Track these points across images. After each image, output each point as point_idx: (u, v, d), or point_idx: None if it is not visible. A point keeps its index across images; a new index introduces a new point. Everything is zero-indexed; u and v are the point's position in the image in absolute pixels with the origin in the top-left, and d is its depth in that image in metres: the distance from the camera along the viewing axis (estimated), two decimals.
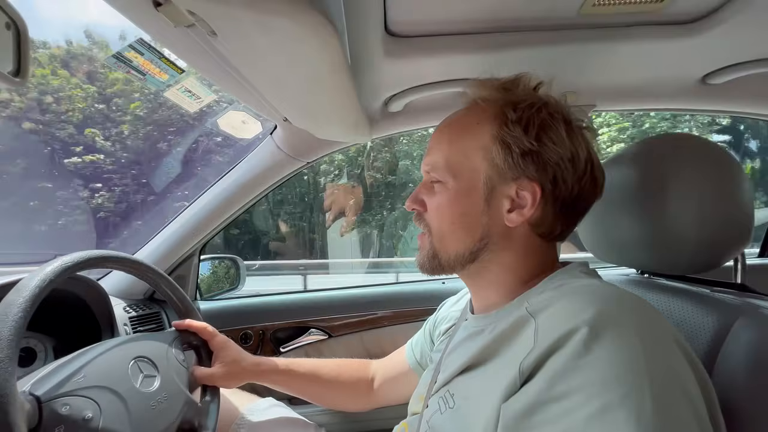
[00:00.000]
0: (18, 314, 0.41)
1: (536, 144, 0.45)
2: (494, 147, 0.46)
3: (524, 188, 0.46)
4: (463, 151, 0.48)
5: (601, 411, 0.30)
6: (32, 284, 0.45)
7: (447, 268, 0.50)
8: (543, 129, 0.46)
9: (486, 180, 0.47)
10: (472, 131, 0.48)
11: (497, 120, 0.47)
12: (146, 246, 1.01)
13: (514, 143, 0.45)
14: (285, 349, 1.08)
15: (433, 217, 0.50)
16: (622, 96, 0.82)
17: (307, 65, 0.49)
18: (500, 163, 0.46)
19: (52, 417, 0.43)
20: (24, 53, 0.34)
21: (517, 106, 0.47)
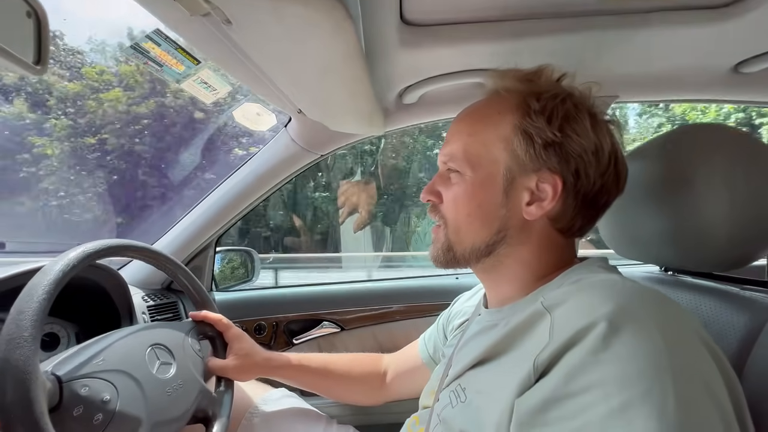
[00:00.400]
0: (42, 296, 0.43)
1: (559, 135, 0.44)
2: (516, 138, 0.45)
3: (545, 181, 0.45)
4: (483, 141, 0.47)
5: (621, 408, 0.29)
6: (56, 268, 0.46)
7: (461, 262, 0.49)
8: (567, 120, 0.44)
9: (506, 171, 0.46)
10: (492, 121, 0.47)
11: (519, 110, 0.46)
12: (164, 237, 1.03)
13: (536, 134, 0.44)
14: (298, 341, 1.09)
15: (449, 208, 0.49)
16: (646, 86, 0.79)
17: (321, 52, 0.48)
18: (521, 155, 0.45)
19: (72, 397, 0.44)
20: (44, 42, 0.35)
21: (541, 96, 0.46)
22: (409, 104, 0.81)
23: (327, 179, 6.15)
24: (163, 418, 0.52)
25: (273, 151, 0.95)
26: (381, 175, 6.30)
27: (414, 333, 0.82)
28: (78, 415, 0.44)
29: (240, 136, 7.52)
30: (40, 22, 0.34)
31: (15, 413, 0.37)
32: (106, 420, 0.46)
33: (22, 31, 0.32)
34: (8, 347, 0.39)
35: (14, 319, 0.41)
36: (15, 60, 0.32)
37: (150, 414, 0.50)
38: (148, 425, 0.49)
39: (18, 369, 0.38)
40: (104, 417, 0.46)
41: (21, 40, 0.32)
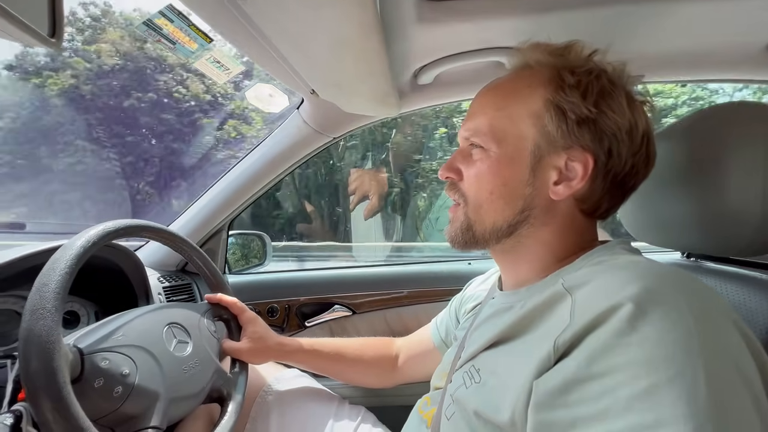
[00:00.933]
0: (64, 269, 0.44)
1: (594, 111, 0.42)
2: (547, 113, 0.43)
3: (575, 159, 0.43)
4: (511, 116, 0.45)
5: (648, 391, 0.28)
6: (77, 244, 0.47)
7: (481, 242, 0.48)
8: (602, 96, 0.42)
9: (534, 148, 0.44)
10: (522, 95, 0.45)
11: (552, 84, 0.44)
12: (178, 220, 1.04)
13: (570, 109, 0.42)
14: (310, 324, 1.10)
15: (470, 186, 0.48)
16: (674, 65, 0.75)
17: (337, 24, 0.47)
18: (552, 131, 0.43)
19: (93, 369, 0.45)
20: (59, 14, 0.34)
21: (575, 70, 0.44)
22: (424, 85, 0.79)
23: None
24: (179, 395, 0.53)
25: (285, 134, 0.94)
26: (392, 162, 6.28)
27: (425, 318, 0.82)
28: (99, 386, 0.45)
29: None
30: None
31: (39, 382, 0.38)
32: (126, 393, 0.47)
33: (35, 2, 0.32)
34: (32, 318, 0.40)
35: (38, 292, 0.42)
36: (29, 31, 0.31)
37: (167, 389, 0.51)
38: (166, 400, 0.51)
39: (41, 339, 0.39)
40: (123, 390, 0.47)
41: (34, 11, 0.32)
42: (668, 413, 0.27)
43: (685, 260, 0.63)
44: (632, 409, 0.28)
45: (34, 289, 0.42)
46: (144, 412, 0.49)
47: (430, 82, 0.78)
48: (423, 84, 0.79)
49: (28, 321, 0.40)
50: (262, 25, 0.49)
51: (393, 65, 0.70)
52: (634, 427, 0.27)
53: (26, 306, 0.41)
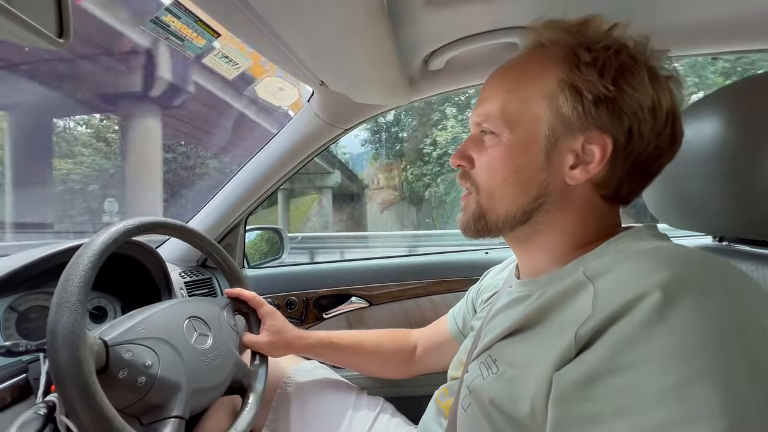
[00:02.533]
0: (87, 265, 0.45)
1: (613, 89, 0.39)
2: (562, 94, 0.41)
3: (593, 141, 0.40)
4: (524, 99, 0.43)
5: (678, 385, 0.26)
6: (99, 240, 0.49)
7: (494, 230, 0.46)
8: (621, 73, 0.39)
9: (549, 132, 0.42)
10: (535, 76, 0.43)
11: (567, 62, 0.41)
12: (197, 216, 1.06)
13: (586, 88, 0.39)
14: (328, 316, 1.11)
15: (482, 173, 0.46)
16: (703, 37, 0.70)
17: (342, 12, 0.46)
18: (567, 112, 0.40)
19: (118, 360, 0.47)
20: (65, 14, 0.34)
21: (591, 47, 0.41)
22: (435, 71, 0.77)
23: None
24: (200, 386, 0.55)
25: (297, 127, 0.94)
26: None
27: (443, 308, 0.82)
28: (123, 377, 0.47)
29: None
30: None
31: (66, 372, 0.40)
32: (149, 383, 0.48)
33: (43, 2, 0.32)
34: (58, 311, 0.42)
35: (63, 286, 0.43)
36: (37, 32, 0.31)
37: (189, 380, 0.53)
38: (187, 391, 0.52)
39: (67, 330, 0.41)
40: (147, 380, 0.48)
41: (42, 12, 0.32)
42: (702, 408, 0.25)
43: (717, 244, 0.60)
44: (661, 403, 0.26)
45: (59, 285, 0.43)
46: (167, 401, 0.50)
47: (442, 67, 0.76)
48: (434, 70, 0.77)
49: (54, 314, 0.41)
50: (269, 18, 0.49)
51: (402, 52, 0.69)
52: (663, 423, 0.26)
53: (52, 300, 0.42)
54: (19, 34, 0.31)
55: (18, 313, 0.64)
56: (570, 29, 0.43)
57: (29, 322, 0.64)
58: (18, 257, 0.60)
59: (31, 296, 0.66)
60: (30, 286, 0.66)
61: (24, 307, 0.65)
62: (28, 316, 0.65)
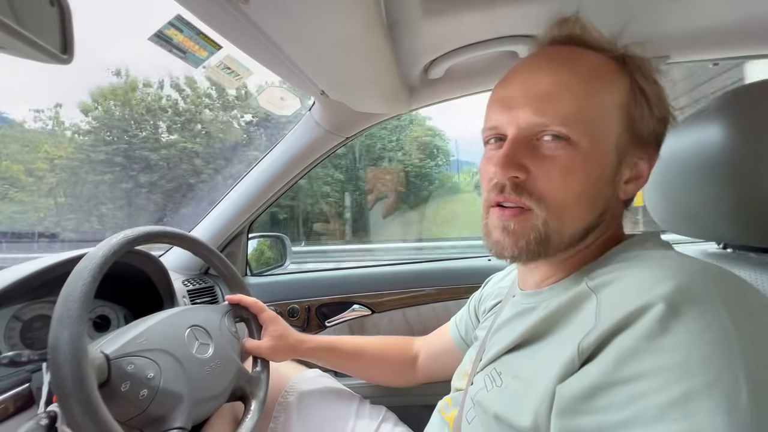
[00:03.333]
0: (87, 279, 0.45)
1: (671, 108, 0.40)
2: (637, 107, 0.40)
3: (644, 156, 0.41)
4: (599, 104, 0.39)
5: (682, 398, 0.26)
6: (99, 254, 0.49)
7: (551, 252, 0.41)
8: (658, 86, 0.40)
9: (619, 142, 0.40)
10: (607, 81, 0.39)
11: (629, 71, 0.40)
12: (199, 224, 1.07)
13: (654, 102, 0.40)
14: (330, 324, 1.11)
15: (553, 185, 0.39)
16: (702, 43, 0.70)
17: (340, 24, 0.46)
18: (639, 126, 0.40)
19: (120, 374, 0.47)
20: (69, 30, 0.35)
21: (628, 57, 0.41)
22: (434, 79, 0.78)
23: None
24: (203, 396, 0.55)
25: (299, 136, 0.95)
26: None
27: (445, 315, 0.81)
28: (125, 390, 0.47)
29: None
30: (63, 10, 0.34)
31: (68, 387, 0.40)
32: (151, 396, 0.48)
33: (47, 19, 0.33)
34: (59, 327, 0.42)
35: (63, 302, 0.43)
36: (42, 50, 0.32)
37: (191, 391, 0.53)
38: (190, 402, 0.52)
39: (69, 347, 0.41)
40: (149, 393, 0.48)
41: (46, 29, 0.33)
42: (706, 423, 0.25)
43: (721, 251, 0.59)
44: (664, 417, 0.26)
45: (60, 300, 0.44)
46: (169, 413, 0.50)
47: (442, 76, 0.77)
48: (434, 78, 0.77)
49: (56, 329, 0.42)
50: (268, 30, 0.49)
51: (402, 61, 0.69)
52: None
53: (53, 315, 0.42)
54: (25, 52, 0.32)
55: (22, 323, 0.64)
56: (599, 34, 0.42)
57: (33, 332, 0.65)
58: (22, 267, 0.60)
59: (35, 305, 0.66)
60: (34, 296, 0.67)
61: (28, 316, 0.65)
62: (32, 325, 0.65)
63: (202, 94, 7.17)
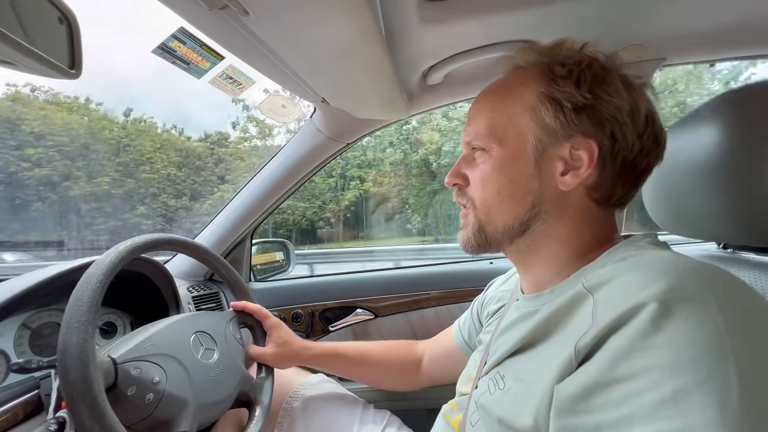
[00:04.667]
0: (96, 285, 0.46)
1: (590, 97, 0.41)
2: (543, 106, 0.43)
3: (579, 147, 0.42)
4: (508, 114, 0.45)
5: (675, 396, 0.26)
6: (107, 260, 0.50)
7: (494, 244, 0.48)
8: (596, 82, 0.42)
9: (535, 142, 0.44)
10: (515, 93, 0.46)
11: (544, 77, 0.44)
12: (203, 231, 1.08)
13: (564, 99, 0.42)
14: (334, 328, 1.11)
15: (476, 188, 0.48)
16: (698, 45, 0.71)
17: (338, 35, 0.48)
18: (550, 123, 0.43)
19: (126, 378, 0.48)
20: (77, 47, 0.37)
21: (565, 63, 0.44)
22: (433, 85, 0.79)
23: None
24: (207, 401, 0.55)
25: (300, 143, 0.96)
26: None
27: (448, 319, 0.81)
28: (131, 394, 0.48)
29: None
30: (71, 27, 0.36)
31: (76, 390, 0.41)
32: (157, 400, 0.49)
33: (56, 36, 0.34)
34: (68, 331, 0.43)
35: (72, 307, 0.44)
36: (51, 65, 0.33)
37: (196, 396, 0.53)
38: (194, 407, 0.53)
39: (77, 350, 0.42)
40: (155, 397, 0.49)
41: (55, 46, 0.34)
42: (698, 419, 0.25)
43: (721, 251, 0.59)
44: (658, 415, 0.26)
45: (69, 305, 0.45)
46: (174, 417, 0.51)
47: (440, 81, 0.78)
48: (432, 84, 0.78)
49: (65, 334, 0.43)
50: (268, 41, 0.51)
51: (400, 68, 0.70)
52: None
53: (63, 320, 0.44)
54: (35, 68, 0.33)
55: (31, 330, 0.65)
56: (544, 51, 0.47)
57: (42, 339, 0.66)
58: (31, 276, 0.61)
59: (44, 313, 0.68)
60: (42, 304, 0.68)
61: (37, 324, 0.66)
62: (40, 332, 0.66)
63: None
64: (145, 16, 13.43)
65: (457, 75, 0.76)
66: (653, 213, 0.59)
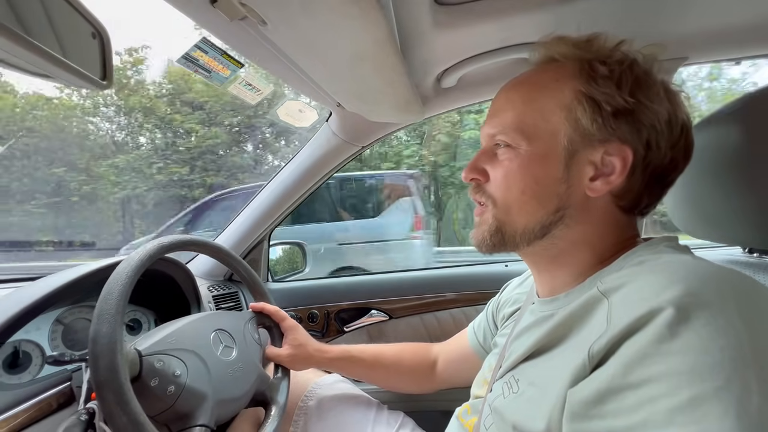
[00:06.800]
0: (125, 280, 0.49)
1: (632, 101, 0.39)
2: (580, 106, 0.41)
3: (613, 153, 0.41)
4: (541, 110, 0.43)
5: (691, 403, 0.26)
6: (136, 258, 0.53)
7: (510, 245, 0.46)
8: (638, 85, 0.40)
9: (567, 143, 0.42)
10: (551, 88, 0.43)
11: (583, 75, 0.42)
12: (224, 233, 1.12)
13: (604, 101, 0.40)
14: (349, 329, 1.13)
15: (498, 186, 0.45)
16: (722, 43, 0.68)
17: (353, 43, 0.49)
18: (586, 124, 0.41)
19: (150, 369, 0.50)
20: (108, 60, 0.39)
21: (606, 60, 0.41)
22: (447, 88, 0.79)
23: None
24: (225, 397, 0.57)
25: (316, 146, 0.98)
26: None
27: (463, 321, 0.81)
28: (155, 385, 0.50)
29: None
30: (103, 42, 0.38)
31: (104, 377, 0.44)
32: (178, 392, 0.51)
33: (89, 50, 0.37)
34: (99, 321, 0.46)
35: (103, 299, 0.47)
36: (84, 77, 0.36)
37: (214, 391, 0.55)
38: (213, 401, 0.55)
39: (106, 340, 0.45)
40: (176, 389, 0.51)
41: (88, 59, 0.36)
42: (715, 427, 0.25)
43: (747, 256, 0.57)
44: (673, 421, 0.26)
45: (100, 298, 0.48)
46: (194, 410, 0.53)
47: (454, 84, 0.78)
48: (447, 87, 0.79)
49: (96, 324, 0.46)
50: (286, 49, 0.52)
51: (414, 72, 0.71)
52: None
53: (94, 311, 0.47)
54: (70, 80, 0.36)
55: (64, 326, 0.69)
56: (579, 44, 0.44)
57: (73, 334, 0.70)
58: (64, 274, 0.65)
59: (75, 310, 0.71)
60: (75, 300, 0.72)
61: (69, 320, 0.70)
62: (72, 328, 0.70)
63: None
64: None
65: (471, 78, 0.77)
66: (674, 216, 0.58)
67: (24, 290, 0.61)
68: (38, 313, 0.60)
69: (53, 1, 0.33)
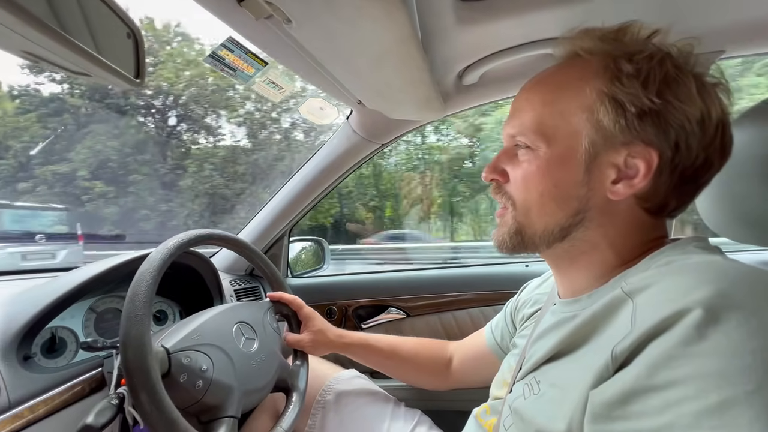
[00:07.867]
0: (149, 281, 0.51)
1: (658, 101, 0.37)
2: (602, 106, 0.39)
3: (636, 155, 0.39)
4: (561, 111, 0.41)
5: (720, 407, 0.25)
6: (158, 257, 0.54)
7: (530, 246, 0.45)
8: (667, 84, 0.38)
9: (589, 145, 0.40)
10: (572, 88, 0.41)
11: (607, 74, 0.40)
12: (245, 228, 1.14)
13: (628, 101, 0.38)
14: (366, 326, 1.14)
15: (518, 188, 0.45)
16: (760, 36, 0.65)
17: (375, 40, 0.49)
18: (609, 126, 0.39)
19: (178, 366, 0.52)
20: (141, 59, 0.41)
21: (633, 57, 0.39)
22: (469, 85, 0.78)
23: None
24: (250, 388, 0.59)
25: (337, 143, 0.99)
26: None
27: (481, 321, 0.81)
28: (183, 381, 0.52)
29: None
30: (137, 42, 0.40)
31: (138, 378, 0.45)
32: (206, 387, 0.53)
33: (124, 50, 0.38)
34: (128, 324, 0.47)
35: (130, 301, 0.49)
36: (119, 75, 0.37)
37: (240, 383, 0.57)
38: (239, 392, 0.56)
39: (137, 342, 0.46)
40: (204, 384, 0.53)
41: (123, 58, 0.38)
42: None
43: None
44: (701, 425, 0.25)
45: (127, 300, 0.49)
46: (222, 403, 0.55)
47: (476, 81, 0.77)
48: (468, 84, 0.78)
49: (125, 327, 0.47)
50: (309, 47, 0.53)
51: (436, 70, 0.71)
52: None
53: (122, 313, 0.48)
54: (105, 77, 0.37)
55: (96, 314, 0.73)
56: (607, 37, 0.42)
57: (105, 322, 0.73)
58: (97, 265, 0.68)
59: (107, 299, 0.75)
60: (106, 290, 0.75)
61: (101, 308, 0.74)
62: (104, 316, 0.73)
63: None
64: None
65: (493, 74, 0.76)
66: (706, 216, 0.56)
67: (60, 279, 0.65)
68: (73, 302, 0.63)
69: (91, 2, 0.35)
